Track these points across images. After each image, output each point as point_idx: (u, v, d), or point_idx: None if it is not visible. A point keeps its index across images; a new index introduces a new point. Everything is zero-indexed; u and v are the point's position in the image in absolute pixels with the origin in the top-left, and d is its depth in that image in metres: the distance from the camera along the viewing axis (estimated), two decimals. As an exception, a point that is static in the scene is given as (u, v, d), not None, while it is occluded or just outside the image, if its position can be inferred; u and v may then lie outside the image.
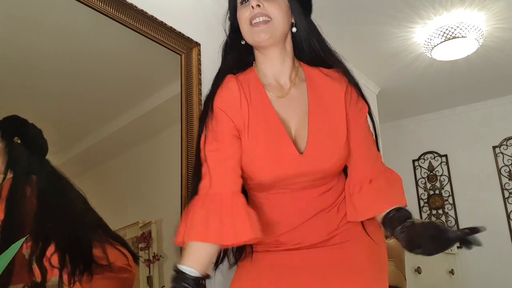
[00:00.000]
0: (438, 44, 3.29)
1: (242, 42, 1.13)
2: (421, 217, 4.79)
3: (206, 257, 0.97)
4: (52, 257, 1.35)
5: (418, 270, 2.72)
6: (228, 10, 1.17)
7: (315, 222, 1.07)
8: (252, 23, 1.06)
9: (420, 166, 4.94)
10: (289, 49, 1.14)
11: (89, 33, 1.70)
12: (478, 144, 4.61)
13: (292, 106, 1.09)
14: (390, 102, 4.47)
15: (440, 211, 4.73)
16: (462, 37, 3.20)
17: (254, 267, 1.10)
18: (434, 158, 4.87)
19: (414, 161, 4.96)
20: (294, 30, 1.12)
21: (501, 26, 3.25)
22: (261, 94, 1.10)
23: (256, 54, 1.15)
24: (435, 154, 4.87)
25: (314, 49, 1.15)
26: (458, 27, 3.17)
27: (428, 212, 4.79)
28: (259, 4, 1.05)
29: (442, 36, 3.23)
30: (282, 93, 1.11)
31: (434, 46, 3.33)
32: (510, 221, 4.35)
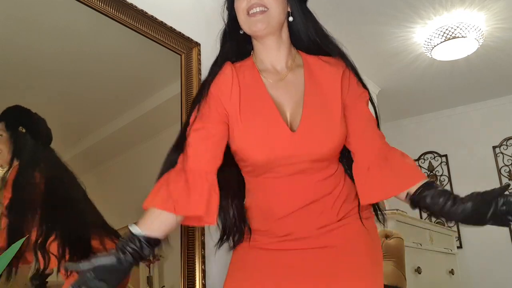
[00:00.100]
0: (438, 44, 3.29)
1: (241, 32, 1.15)
2: (421, 217, 4.79)
3: (157, 222, 0.98)
4: (51, 245, 1.35)
5: (418, 270, 2.72)
6: (226, 0, 1.19)
7: (309, 212, 1.06)
8: (249, 13, 1.08)
9: (420, 166, 4.94)
10: (285, 37, 1.15)
11: (89, 33, 1.70)
12: (478, 144, 4.61)
13: (287, 90, 1.11)
14: (390, 102, 4.47)
15: (440, 211, 4.73)
16: (462, 37, 3.20)
17: (250, 264, 1.09)
18: (434, 158, 4.87)
19: (414, 161, 4.96)
20: (291, 19, 1.14)
21: (501, 26, 3.26)
22: (256, 79, 1.12)
23: (253, 42, 1.17)
24: (435, 154, 4.87)
25: (311, 37, 1.17)
26: (458, 27, 3.17)
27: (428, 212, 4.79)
28: None
29: (442, 36, 3.23)
30: (278, 78, 1.13)
31: (434, 46, 3.33)
32: (510, 221, 4.35)
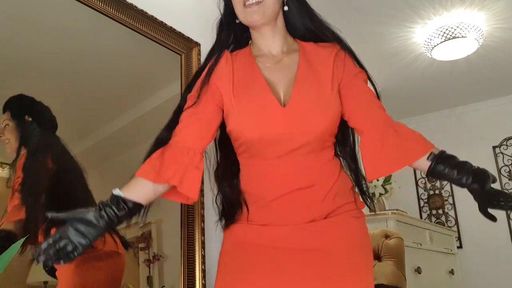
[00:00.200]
0: (438, 44, 3.29)
1: (237, 21, 1.18)
2: (421, 217, 4.80)
3: (137, 187, 1.00)
4: (52, 230, 1.36)
5: (418, 270, 2.72)
6: None
7: (299, 199, 1.06)
8: (245, 4, 1.11)
9: (420, 166, 4.94)
10: (280, 25, 1.19)
11: (89, 33, 1.70)
12: (478, 144, 4.60)
13: (281, 71, 1.14)
14: (390, 102, 4.46)
15: (440, 211, 4.73)
16: (462, 37, 3.21)
17: (239, 262, 1.08)
18: (434, 158, 4.86)
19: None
20: (286, 8, 1.17)
21: (501, 26, 3.26)
22: (250, 63, 1.16)
23: (250, 31, 1.21)
24: (435, 154, 4.87)
25: (306, 25, 1.20)
26: (458, 27, 3.17)
27: (428, 212, 4.80)
28: None
29: (442, 36, 3.23)
30: (274, 61, 1.16)
31: (434, 46, 3.33)
32: (510, 221, 4.35)
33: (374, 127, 1.08)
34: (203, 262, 1.83)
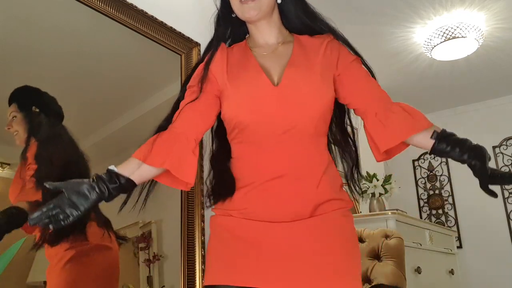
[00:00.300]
0: (438, 44, 3.29)
1: (233, 15, 1.21)
2: (421, 217, 4.80)
3: (131, 165, 1.04)
4: None
5: (418, 270, 2.72)
6: None
7: (288, 182, 1.06)
8: (241, 1, 1.14)
9: (420, 166, 4.95)
10: (276, 18, 1.22)
11: (89, 33, 1.70)
12: (478, 144, 4.60)
13: (276, 59, 1.17)
14: (390, 102, 4.47)
15: (440, 211, 4.73)
16: (462, 37, 3.21)
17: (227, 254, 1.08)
18: (434, 158, 4.87)
19: (414, 161, 4.96)
20: (279, 1, 1.20)
21: (501, 26, 3.26)
22: (246, 53, 1.20)
23: (247, 24, 1.24)
24: (435, 154, 4.87)
25: (301, 18, 1.23)
26: (458, 27, 3.17)
27: (428, 212, 4.80)
28: None
29: (442, 36, 3.23)
30: (269, 50, 1.20)
31: (434, 46, 3.33)
32: (510, 221, 4.35)
33: (377, 104, 1.12)
34: (203, 262, 1.83)
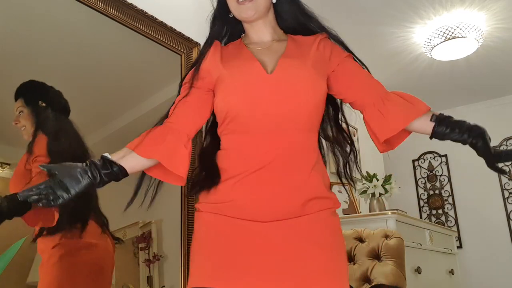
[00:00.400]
0: (438, 44, 3.29)
1: (230, 15, 1.23)
2: (421, 217, 4.80)
3: (122, 153, 1.06)
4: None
5: (418, 270, 2.72)
6: None
7: (276, 174, 1.06)
8: (238, 1, 1.16)
9: (420, 166, 4.94)
10: (271, 17, 1.24)
11: (89, 33, 1.70)
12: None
13: (271, 53, 1.19)
14: (390, 102, 4.47)
15: (440, 211, 4.73)
16: (462, 37, 3.20)
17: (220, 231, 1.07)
18: (434, 158, 4.87)
19: (414, 161, 4.96)
20: (274, 1, 1.22)
21: (501, 26, 3.26)
22: (241, 47, 1.22)
23: (243, 23, 1.26)
24: (435, 154, 4.87)
25: (296, 18, 1.25)
26: (458, 27, 3.17)
27: (428, 212, 4.80)
28: None
29: (442, 36, 3.23)
30: (264, 47, 1.21)
31: (434, 46, 3.33)
32: (510, 221, 4.35)
33: (374, 95, 1.15)
34: (203, 262, 1.83)
